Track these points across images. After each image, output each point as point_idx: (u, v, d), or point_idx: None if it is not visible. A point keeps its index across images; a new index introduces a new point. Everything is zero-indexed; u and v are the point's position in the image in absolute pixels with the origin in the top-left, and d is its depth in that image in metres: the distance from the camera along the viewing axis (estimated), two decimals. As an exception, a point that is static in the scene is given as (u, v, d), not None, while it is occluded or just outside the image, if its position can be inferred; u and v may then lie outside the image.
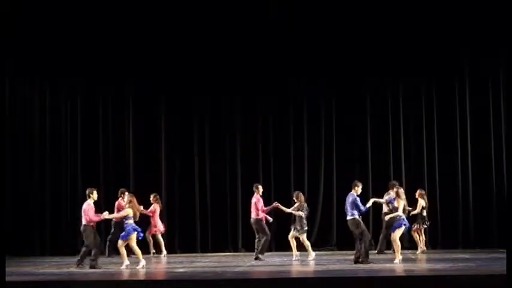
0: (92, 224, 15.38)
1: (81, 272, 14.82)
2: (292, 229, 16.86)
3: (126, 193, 17.61)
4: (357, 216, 15.51)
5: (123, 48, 20.07)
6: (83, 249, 15.45)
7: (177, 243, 20.29)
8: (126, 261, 15.31)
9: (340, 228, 19.93)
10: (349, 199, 15.64)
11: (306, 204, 16.87)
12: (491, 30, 19.01)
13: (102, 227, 19.09)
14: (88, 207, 15.38)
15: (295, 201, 16.83)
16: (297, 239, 16.92)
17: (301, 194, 16.97)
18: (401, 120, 20.18)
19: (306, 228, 16.78)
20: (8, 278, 12.59)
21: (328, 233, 20.09)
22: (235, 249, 20.06)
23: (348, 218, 15.63)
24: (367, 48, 19.83)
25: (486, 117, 19.84)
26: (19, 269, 15.54)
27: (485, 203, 19.71)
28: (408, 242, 19.20)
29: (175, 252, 20.03)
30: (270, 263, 16.35)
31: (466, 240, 19.68)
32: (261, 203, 17.05)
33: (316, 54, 20.00)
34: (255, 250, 16.97)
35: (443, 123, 20.08)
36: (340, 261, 16.14)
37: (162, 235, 19.19)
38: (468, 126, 19.96)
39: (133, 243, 15.40)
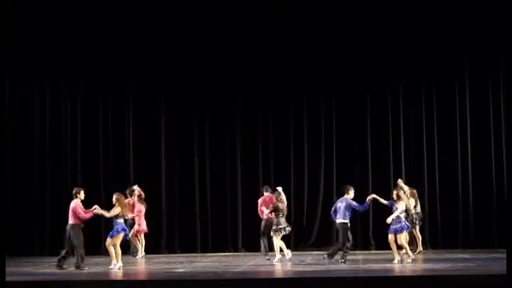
0: (79, 223, 15.30)
1: (81, 272, 14.82)
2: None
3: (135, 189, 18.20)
4: (348, 221, 15.51)
5: (123, 48, 20.07)
6: (77, 251, 15.29)
7: (177, 243, 20.29)
8: (115, 261, 15.24)
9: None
10: (344, 203, 15.60)
11: (281, 205, 16.74)
12: (491, 30, 19.01)
13: (102, 226, 19.08)
14: (77, 205, 15.25)
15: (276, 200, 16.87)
16: (283, 237, 16.76)
17: (277, 193, 16.85)
18: (401, 120, 20.17)
19: (281, 226, 16.52)
20: (8, 278, 12.60)
21: (328, 233, 20.05)
22: (235, 249, 20.05)
23: (340, 221, 15.58)
24: (367, 48, 19.82)
25: (486, 117, 19.83)
26: (19, 269, 15.55)
27: (485, 203, 19.70)
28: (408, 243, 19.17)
29: (175, 252, 20.03)
30: (270, 263, 16.34)
31: (466, 240, 19.67)
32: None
33: (316, 55, 19.99)
34: (268, 251, 16.91)
35: (443, 123, 20.07)
36: (340, 261, 16.12)
37: (145, 236, 18.97)
38: (468, 126, 19.95)
39: (118, 244, 15.32)
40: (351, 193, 15.76)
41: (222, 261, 17.13)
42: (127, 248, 18.80)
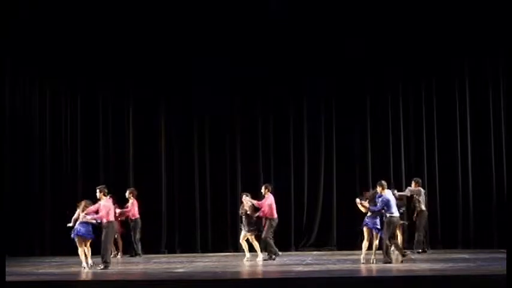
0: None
1: (81, 272, 14.83)
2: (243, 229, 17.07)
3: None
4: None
5: (124, 48, 20.08)
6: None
7: (177, 243, 20.29)
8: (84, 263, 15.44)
9: (340, 228, 19.94)
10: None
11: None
12: (491, 30, 19.01)
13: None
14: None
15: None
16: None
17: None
18: (401, 120, 20.16)
19: (253, 227, 16.90)
20: (8, 278, 12.60)
21: (328, 233, 20.07)
22: (235, 249, 20.04)
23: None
24: (367, 48, 19.81)
25: (486, 117, 19.82)
26: (19, 269, 15.55)
27: (485, 203, 19.69)
28: (408, 242, 19.20)
29: (175, 252, 20.04)
30: (270, 263, 16.35)
31: (466, 240, 19.66)
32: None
33: (316, 54, 19.99)
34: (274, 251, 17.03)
35: (443, 123, 20.06)
36: (340, 261, 16.14)
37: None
38: (468, 126, 19.94)
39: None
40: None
41: (222, 261, 17.13)
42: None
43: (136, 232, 18.69)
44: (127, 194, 18.78)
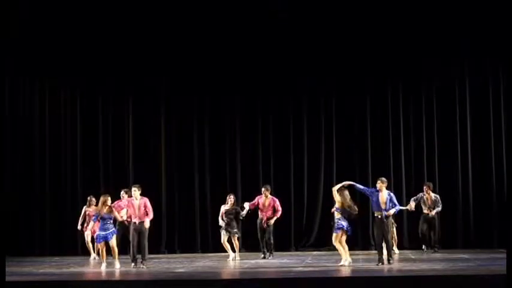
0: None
1: (81, 272, 14.83)
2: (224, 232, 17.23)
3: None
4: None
5: (123, 48, 20.09)
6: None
7: (177, 243, 20.30)
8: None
9: (340, 228, 19.94)
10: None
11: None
12: (491, 30, 19.02)
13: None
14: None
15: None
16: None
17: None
18: (401, 120, 20.17)
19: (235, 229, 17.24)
20: (8, 278, 12.59)
21: (328, 233, 20.02)
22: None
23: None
24: (367, 48, 19.83)
25: (486, 118, 19.83)
26: (19, 269, 15.54)
27: (485, 203, 19.70)
28: (408, 242, 19.22)
29: (175, 252, 20.05)
30: (269, 263, 16.35)
31: (466, 240, 19.67)
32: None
33: (316, 54, 20.00)
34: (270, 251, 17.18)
35: (443, 123, 20.07)
36: (340, 261, 16.10)
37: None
38: (468, 126, 19.95)
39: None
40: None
41: (222, 261, 17.13)
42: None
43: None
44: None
